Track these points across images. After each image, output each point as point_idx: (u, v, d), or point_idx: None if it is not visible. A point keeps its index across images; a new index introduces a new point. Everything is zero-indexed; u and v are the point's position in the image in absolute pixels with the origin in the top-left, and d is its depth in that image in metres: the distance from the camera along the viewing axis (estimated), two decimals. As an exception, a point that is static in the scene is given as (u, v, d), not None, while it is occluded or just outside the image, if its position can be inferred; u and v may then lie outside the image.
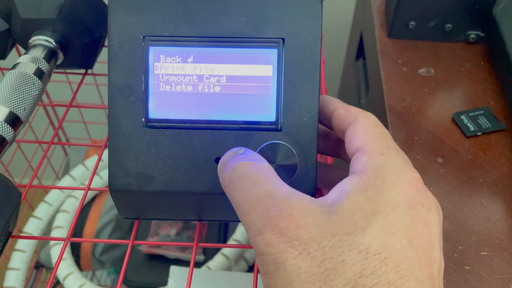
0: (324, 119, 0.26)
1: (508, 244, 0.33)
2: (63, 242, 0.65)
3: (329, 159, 0.33)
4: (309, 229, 0.19)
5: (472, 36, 0.48)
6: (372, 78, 0.50)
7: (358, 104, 0.59)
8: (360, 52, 0.63)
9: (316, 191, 0.26)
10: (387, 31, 0.49)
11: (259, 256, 0.20)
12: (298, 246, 0.19)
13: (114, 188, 0.27)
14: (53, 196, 0.68)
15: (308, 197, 0.20)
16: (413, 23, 0.47)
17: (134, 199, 0.28)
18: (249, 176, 0.21)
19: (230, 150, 0.24)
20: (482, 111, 0.41)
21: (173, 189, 0.27)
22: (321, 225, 0.19)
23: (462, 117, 0.41)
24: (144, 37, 0.26)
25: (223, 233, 0.72)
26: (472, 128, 0.40)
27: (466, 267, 0.32)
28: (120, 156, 0.27)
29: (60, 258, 0.27)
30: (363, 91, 0.58)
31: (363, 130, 0.23)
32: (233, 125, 0.26)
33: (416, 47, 0.48)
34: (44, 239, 0.31)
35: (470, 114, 0.41)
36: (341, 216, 0.19)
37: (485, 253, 0.32)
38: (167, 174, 0.27)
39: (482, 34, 0.48)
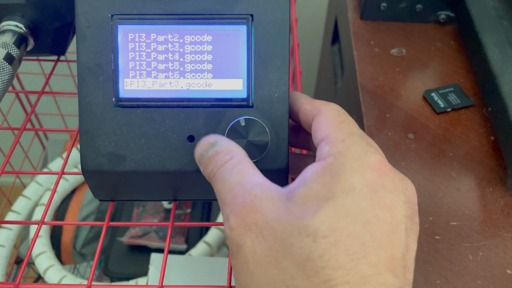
0: (293, 114, 0.27)
1: (477, 214, 0.34)
2: (42, 236, 0.64)
3: (304, 152, 0.34)
4: (265, 214, 0.20)
5: (443, 16, 0.49)
6: (347, 60, 0.51)
7: (335, 88, 0.59)
8: (336, 37, 0.64)
9: (288, 167, 0.27)
10: (359, 13, 0.50)
11: (227, 239, 0.21)
12: (255, 230, 0.20)
13: (86, 168, 0.27)
14: (31, 190, 0.68)
15: (274, 186, 0.21)
16: (384, 4, 0.48)
17: (107, 180, 0.28)
18: (227, 170, 0.22)
19: (205, 140, 0.24)
20: (452, 88, 0.42)
21: (146, 168, 0.27)
22: (277, 211, 0.20)
23: (433, 94, 0.42)
24: (112, 15, 0.26)
25: (205, 221, 0.72)
26: (442, 105, 0.41)
27: (436, 237, 0.33)
28: (92, 136, 0.27)
29: (35, 238, 0.27)
30: (339, 75, 0.59)
31: (326, 121, 0.23)
32: (204, 103, 0.26)
33: (388, 28, 0.49)
34: (16, 223, 0.31)
35: (440, 91, 0.42)
36: (295, 202, 0.20)
37: (455, 223, 0.33)
38: (140, 153, 0.27)
39: (452, 14, 0.49)
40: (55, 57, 0.42)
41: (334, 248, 0.18)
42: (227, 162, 0.22)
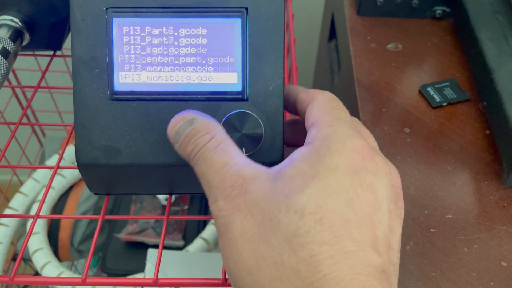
0: (290, 106, 0.27)
1: (472, 207, 0.34)
2: (39, 232, 0.64)
3: None
4: (254, 194, 0.20)
5: (439, 11, 0.49)
6: (343, 55, 0.51)
7: (332, 84, 0.59)
8: (333, 33, 0.64)
9: (283, 160, 0.27)
10: (356, 8, 0.50)
11: (215, 220, 0.21)
12: (244, 210, 0.20)
13: (81, 162, 0.27)
14: (28, 187, 0.68)
15: (260, 167, 0.22)
16: (380, -1, 0.48)
17: (102, 173, 0.28)
18: (209, 150, 0.22)
19: (180, 116, 0.24)
20: (448, 83, 0.42)
21: (141, 162, 0.27)
22: (265, 190, 0.20)
23: (429, 89, 0.42)
24: (107, 8, 0.26)
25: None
26: (438, 99, 0.41)
27: (431, 230, 0.33)
28: (87, 129, 0.27)
29: (30, 231, 0.27)
30: (336, 71, 0.59)
31: (318, 107, 0.24)
32: (199, 96, 0.26)
33: (385, 24, 0.49)
34: (12, 217, 0.31)
35: (436, 86, 0.42)
36: (283, 181, 0.20)
37: (450, 216, 0.33)
38: (135, 147, 0.27)
39: (448, 10, 0.49)
40: (51, 52, 0.42)
41: (319, 224, 0.19)
42: (207, 141, 0.22)
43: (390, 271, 0.19)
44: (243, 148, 0.26)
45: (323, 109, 0.23)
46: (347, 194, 0.20)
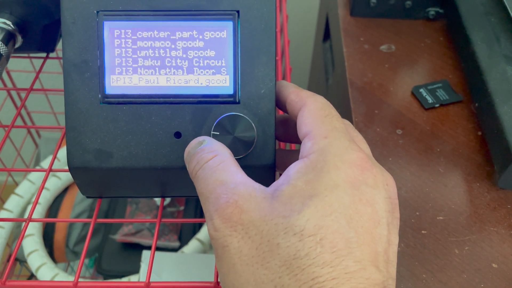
0: (281, 105, 0.27)
1: (464, 208, 0.34)
2: (34, 234, 0.64)
3: (293, 147, 0.34)
4: (250, 214, 0.20)
5: (432, 12, 0.49)
6: (337, 56, 0.51)
7: (326, 85, 0.59)
8: (327, 34, 0.64)
9: (275, 163, 0.27)
10: (349, 9, 0.50)
11: (211, 240, 0.21)
12: (241, 231, 0.20)
13: (73, 165, 0.27)
14: (23, 188, 0.67)
15: (257, 185, 0.21)
16: (374, 0, 0.48)
17: (94, 177, 0.28)
18: (209, 168, 0.22)
19: (194, 140, 0.25)
20: (441, 84, 0.43)
21: (133, 165, 0.27)
22: (262, 210, 0.20)
23: (421, 90, 0.42)
24: (97, 12, 0.26)
25: (199, 218, 0.72)
26: (430, 101, 0.41)
27: (423, 231, 0.33)
28: (78, 133, 0.27)
29: (22, 235, 0.27)
30: (330, 72, 0.59)
31: (310, 115, 0.23)
32: (191, 99, 0.26)
33: (378, 25, 0.49)
34: (4, 221, 0.31)
35: (429, 87, 0.42)
36: (280, 201, 0.20)
37: (441, 218, 0.34)
38: (126, 150, 0.27)
39: (441, 11, 0.49)
40: (44, 54, 0.42)
41: (320, 246, 0.18)
42: (209, 159, 0.22)
43: (390, 286, 0.19)
44: (235, 151, 0.26)
45: (315, 117, 0.23)
46: (347, 211, 0.19)
